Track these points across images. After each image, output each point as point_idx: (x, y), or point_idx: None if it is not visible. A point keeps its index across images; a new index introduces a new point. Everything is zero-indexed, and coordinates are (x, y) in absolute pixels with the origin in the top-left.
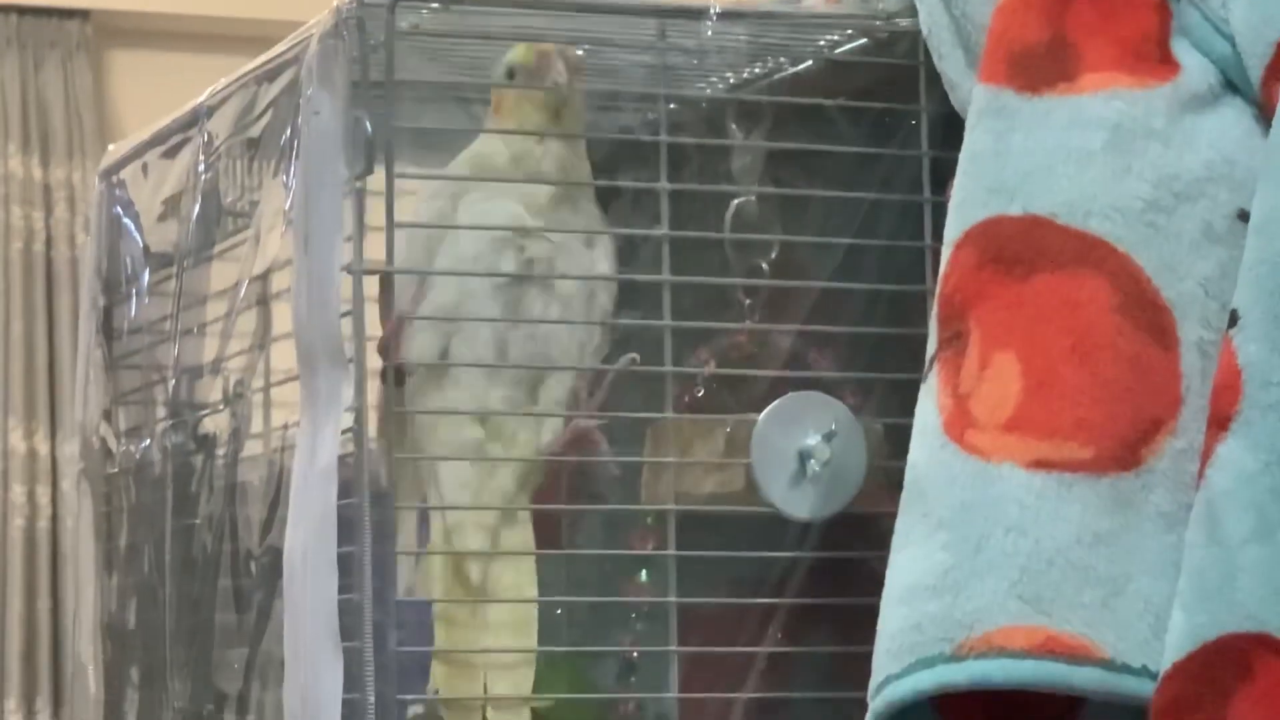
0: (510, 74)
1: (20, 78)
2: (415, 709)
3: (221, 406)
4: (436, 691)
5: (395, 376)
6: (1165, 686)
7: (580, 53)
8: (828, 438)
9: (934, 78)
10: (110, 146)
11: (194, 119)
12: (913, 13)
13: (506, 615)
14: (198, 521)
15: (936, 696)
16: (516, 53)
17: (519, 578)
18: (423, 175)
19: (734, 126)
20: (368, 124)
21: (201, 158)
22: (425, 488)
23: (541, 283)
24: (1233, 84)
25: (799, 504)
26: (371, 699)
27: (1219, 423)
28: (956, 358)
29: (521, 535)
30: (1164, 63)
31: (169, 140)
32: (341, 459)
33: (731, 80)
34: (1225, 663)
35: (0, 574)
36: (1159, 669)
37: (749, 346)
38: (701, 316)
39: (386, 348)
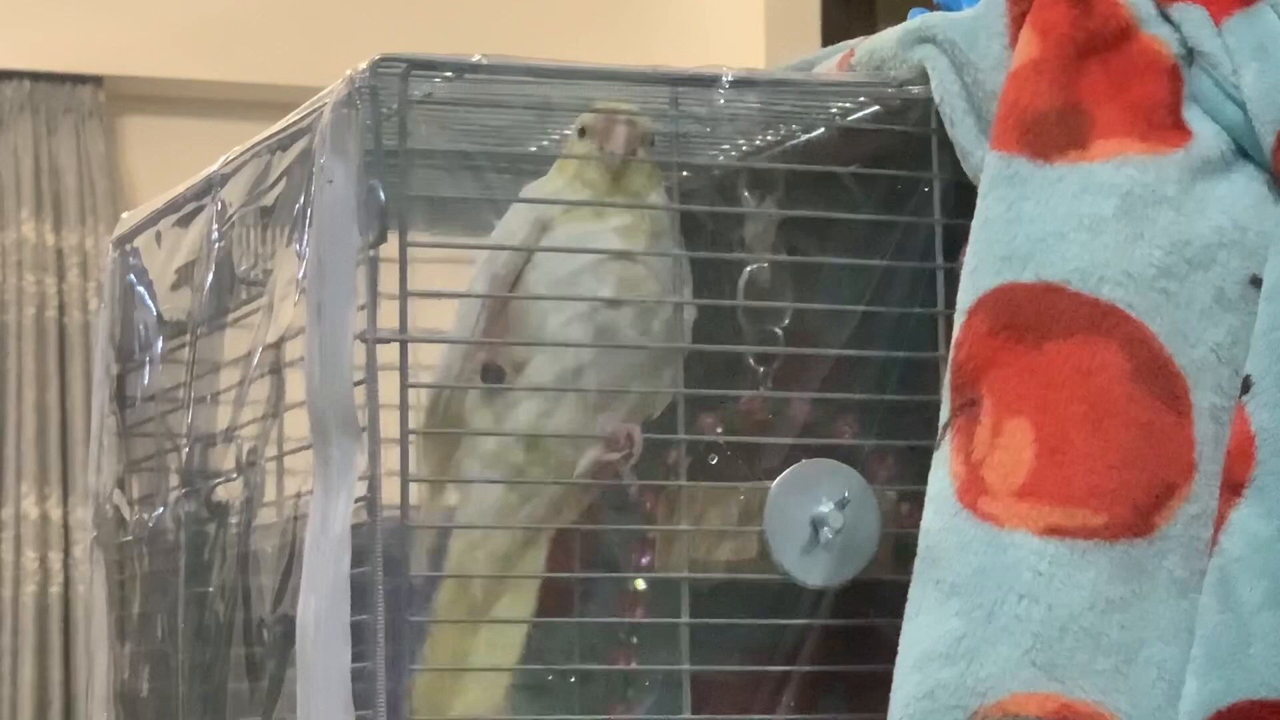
0: (581, 132)
1: (33, 143)
2: None
3: (235, 475)
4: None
5: (490, 375)
6: None
7: (654, 126)
8: (841, 505)
9: (946, 145)
10: (124, 215)
11: (207, 187)
12: (924, 80)
13: (494, 633)
14: (210, 589)
15: None
16: (587, 114)
17: (516, 601)
18: (436, 243)
19: (746, 194)
20: (381, 192)
21: (215, 226)
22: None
23: (635, 314)
24: (1244, 150)
25: (812, 571)
26: None
27: (1232, 489)
28: (969, 425)
29: (535, 560)
30: (1176, 129)
31: (182, 208)
32: (354, 527)
33: (744, 147)
34: None
35: (12, 640)
36: None
37: (762, 413)
38: (714, 384)
39: (486, 366)
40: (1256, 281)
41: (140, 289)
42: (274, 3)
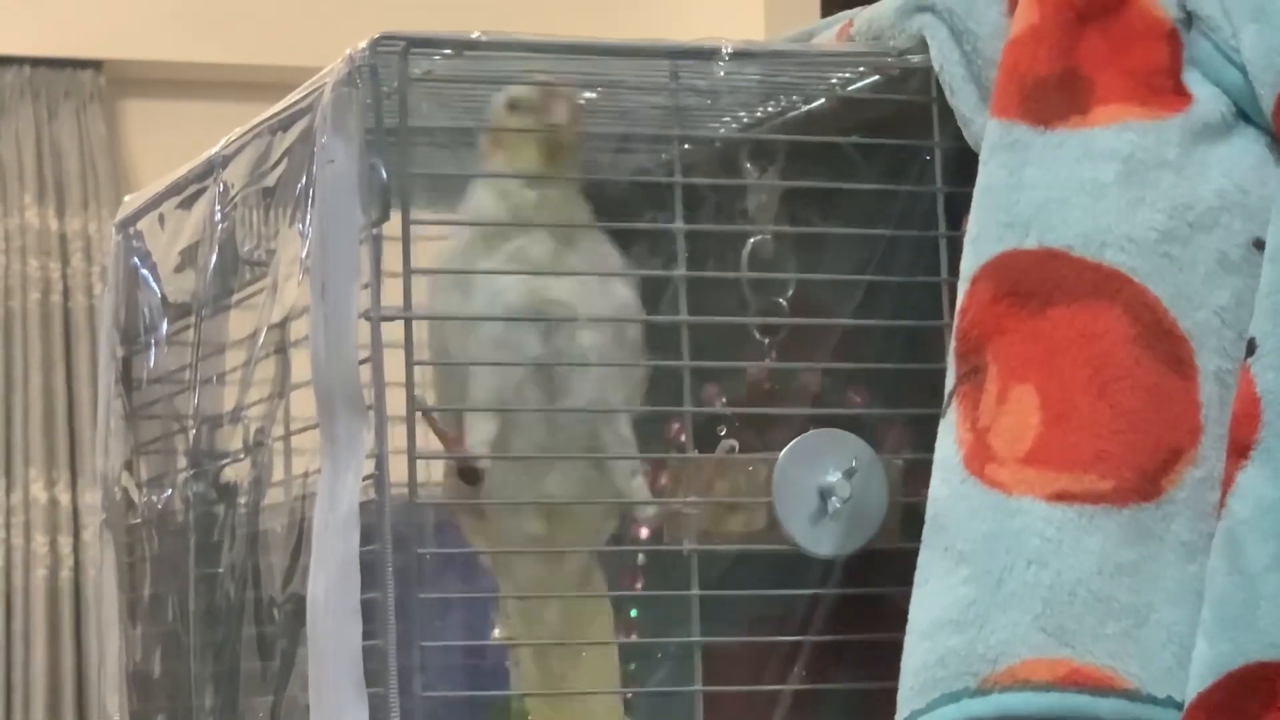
0: (512, 106)
1: (34, 129)
2: None
3: (242, 455)
4: None
5: (468, 476)
6: (1190, 716)
7: (587, 98)
8: (848, 474)
9: (947, 113)
10: (126, 198)
11: (209, 169)
12: (924, 49)
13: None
14: (220, 570)
15: None
16: (513, 91)
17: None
18: (438, 220)
19: (748, 165)
20: (383, 170)
21: (218, 207)
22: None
23: (571, 349)
24: (1245, 113)
25: (821, 541)
26: None
27: (1239, 451)
28: (975, 392)
29: (602, 627)
30: (1176, 93)
31: (185, 190)
32: (363, 505)
33: (745, 119)
34: (1250, 692)
35: (24, 623)
36: (1184, 699)
37: (767, 385)
38: (719, 356)
39: (461, 469)
40: (1259, 244)
41: (144, 271)
42: None
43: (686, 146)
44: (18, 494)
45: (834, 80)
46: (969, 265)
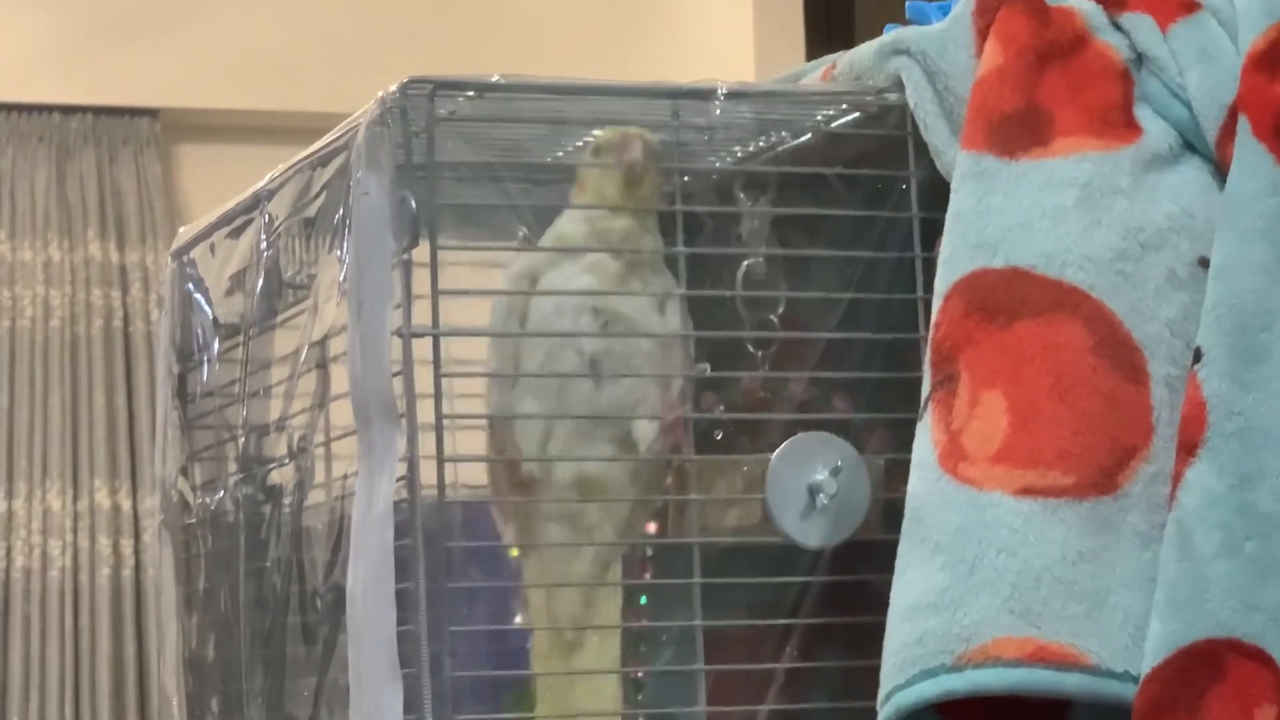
0: (596, 152)
1: (97, 171)
2: None
3: (287, 460)
4: None
5: (522, 490)
6: (1145, 689)
7: (659, 140)
8: (835, 473)
9: (921, 146)
10: (181, 229)
11: (256, 202)
12: (900, 88)
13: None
14: (268, 564)
15: (939, 703)
16: (601, 134)
17: (603, 653)
18: (464, 246)
19: (742, 195)
20: (412, 202)
21: (263, 237)
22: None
23: (615, 349)
24: (1191, 144)
25: (810, 534)
26: None
27: (1187, 449)
28: (949, 398)
29: (609, 612)
30: (1128, 126)
31: (234, 222)
32: (396, 504)
33: (739, 153)
34: (1199, 666)
35: (89, 619)
36: (1139, 673)
37: (760, 393)
38: (718, 368)
39: (516, 484)
40: (1204, 262)
41: (197, 296)
42: (309, 38)
43: (686, 178)
44: (84, 501)
45: (819, 117)
46: (942, 283)
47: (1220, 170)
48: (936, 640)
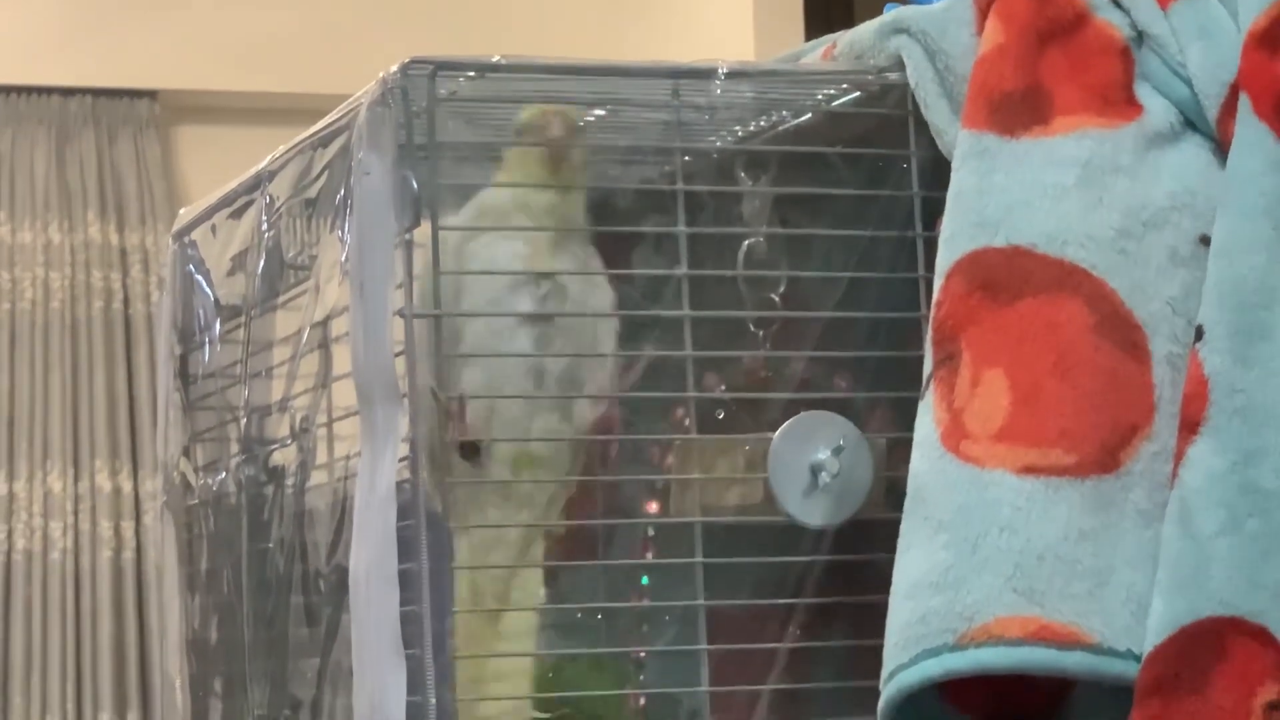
0: (518, 132)
1: (96, 153)
2: None
3: (289, 441)
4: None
5: (467, 451)
6: (1148, 667)
7: (587, 117)
8: (837, 452)
9: (922, 125)
10: (181, 211)
11: (257, 183)
12: (901, 68)
13: (513, 627)
14: (270, 545)
15: (942, 682)
16: (523, 114)
17: (528, 588)
18: (466, 228)
19: (743, 175)
20: (414, 182)
21: (264, 217)
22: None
23: (558, 317)
24: (1192, 122)
25: (812, 513)
26: (433, 702)
27: (1189, 427)
28: (951, 376)
29: (536, 558)
30: (1129, 105)
31: (235, 203)
32: (399, 485)
33: (740, 133)
34: (1201, 644)
35: (90, 601)
36: (1142, 651)
37: (762, 373)
38: (718, 347)
39: (461, 445)
40: (1206, 240)
41: (198, 277)
42: (308, 20)
43: (687, 158)
44: (85, 483)
45: (820, 96)
46: (943, 262)
47: (1221, 148)
48: (939, 619)
